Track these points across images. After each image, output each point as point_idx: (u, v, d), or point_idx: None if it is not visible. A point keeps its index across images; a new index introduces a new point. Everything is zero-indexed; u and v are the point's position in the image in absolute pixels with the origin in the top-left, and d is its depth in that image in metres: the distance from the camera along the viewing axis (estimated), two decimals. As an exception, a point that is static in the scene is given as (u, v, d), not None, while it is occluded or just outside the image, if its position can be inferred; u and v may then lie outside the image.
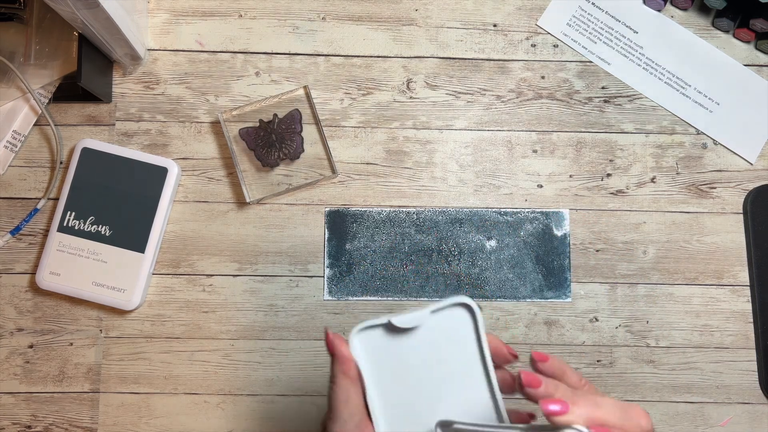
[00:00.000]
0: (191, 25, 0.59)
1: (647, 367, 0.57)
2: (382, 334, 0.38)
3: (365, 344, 0.38)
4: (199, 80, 0.59)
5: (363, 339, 0.38)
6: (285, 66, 0.59)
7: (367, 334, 0.38)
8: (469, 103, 0.59)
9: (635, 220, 0.58)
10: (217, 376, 0.56)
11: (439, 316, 0.38)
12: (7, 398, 0.56)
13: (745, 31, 0.59)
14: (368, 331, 0.38)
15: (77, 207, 0.55)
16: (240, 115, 0.58)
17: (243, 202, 0.57)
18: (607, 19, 0.60)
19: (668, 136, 0.59)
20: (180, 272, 0.57)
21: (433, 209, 0.58)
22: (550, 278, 0.57)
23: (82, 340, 0.56)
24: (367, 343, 0.38)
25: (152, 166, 0.56)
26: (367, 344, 0.38)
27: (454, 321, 0.38)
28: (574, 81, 0.60)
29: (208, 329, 0.56)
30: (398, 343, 0.38)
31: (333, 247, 0.57)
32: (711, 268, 0.58)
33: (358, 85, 0.59)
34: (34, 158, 0.58)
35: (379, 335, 0.38)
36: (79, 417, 0.55)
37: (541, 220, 0.58)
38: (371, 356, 0.38)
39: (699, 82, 0.60)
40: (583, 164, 0.59)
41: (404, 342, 0.38)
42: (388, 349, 0.38)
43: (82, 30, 0.51)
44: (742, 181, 0.59)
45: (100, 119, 0.58)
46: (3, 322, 0.56)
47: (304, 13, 0.60)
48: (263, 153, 0.56)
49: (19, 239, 0.57)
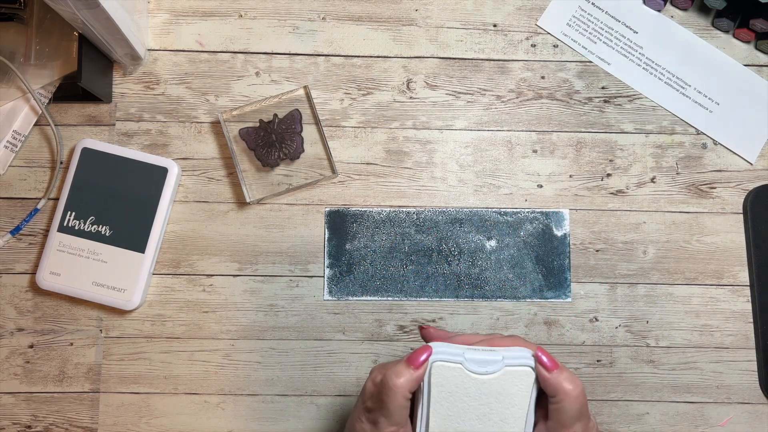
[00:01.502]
0: (191, 25, 0.59)
1: (647, 367, 0.57)
2: (453, 368, 0.39)
3: (438, 376, 0.39)
4: (199, 80, 0.59)
5: (437, 372, 0.39)
6: (285, 66, 0.59)
7: (443, 367, 0.38)
8: (469, 103, 0.59)
9: (635, 220, 0.58)
10: (217, 376, 0.56)
11: (506, 370, 0.39)
12: (7, 398, 0.56)
13: (745, 31, 0.59)
14: (443, 366, 0.38)
15: (77, 207, 0.55)
16: (240, 115, 0.58)
17: (243, 202, 0.57)
18: (607, 19, 0.60)
19: (668, 136, 0.59)
20: (180, 272, 0.57)
21: (433, 209, 0.58)
22: (550, 278, 0.57)
23: (82, 340, 0.56)
24: (439, 374, 0.39)
25: (152, 166, 0.56)
26: (439, 376, 0.39)
27: (515, 377, 0.39)
28: (574, 81, 0.60)
29: (208, 329, 0.56)
30: (464, 381, 0.39)
31: (333, 247, 0.57)
32: (711, 268, 0.58)
33: (358, 85, 0.59)
34: (34, 158, 0.58)
35: (452, 371, 0.39)
36: (79, 417, 0.55)
37: (541, 220, 0.58)
38: (439, 387, 0.39)
39: (699, 82, 0.60)
40: (583, 164, 0.59)
41: (469, 382, 0.39)
42: (454, 388, 0.39)
43: (82, 30, 0.51)
44: (742, 181, 0.59)
45: (100, 119, 0.58)
46: (3, 322, 0.56)
47: (304, 13, 0.60)
48: (263, 153, 0.56)
49: (19, 239, 0.57)
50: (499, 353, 0.39)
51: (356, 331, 0.57)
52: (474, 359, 0.38)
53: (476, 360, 0.39)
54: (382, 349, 0.56)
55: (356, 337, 0.57)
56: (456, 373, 0.39)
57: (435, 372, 0.38)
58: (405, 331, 0.57)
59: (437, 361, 0.38)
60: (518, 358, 0.39)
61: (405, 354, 0.56)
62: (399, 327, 0.57)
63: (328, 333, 0.57)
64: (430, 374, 0.38)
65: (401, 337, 0.57)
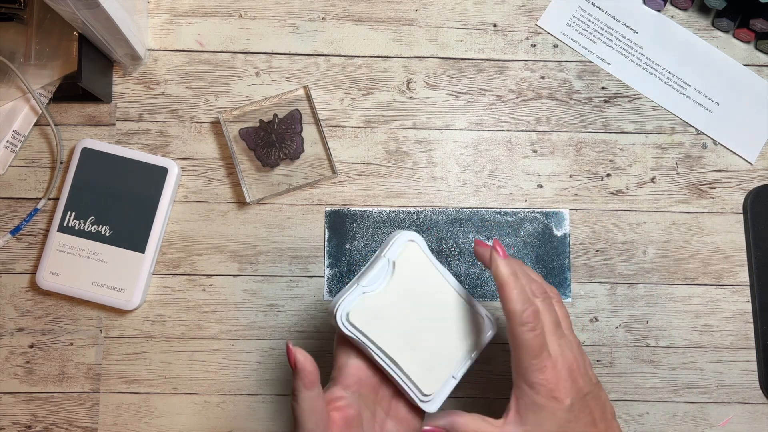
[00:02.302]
0: (191, 25, 0.59)
1: (647, 367, 0.57)
2: (361, 303, 0.40)
3: (358, 320, 0.40)
4: (199, 80, 0.59)
5: (354, 318, 0.40)
6: (285, 66, 0.59)
7: (354, 312, 0.40)
8: (469, 103, 0.59)
9: (635, 220, 0.58)
10: (217, 376, 0.56)
11: (396, 262, 0.41)
12: (7, 398, 0.56)
13: (745, 31, 0.59)
14: (354, 311, 0.40)
15: (77, 207, 0.55)
16: (240, 115, 0.58)
17: (243, 202, 0.57)
18: (607, 19, 0.60)
19: (668, 136, 0.59)
20: (180, 272, 0.57)
21: (433, 209, 0.58)
22: (550, 278, 0.57)
23: (82, 340, 0.56)
24: (357, 318, 0.40)
25: (152, 166, 0.56)
26: (358, 319, 0.40)
27: (409, 259, 0.42)
28: (574, 81, 0.60)
29: (208, 329, 0.56)
30: (379, 303, 0.41)
31: (333, 247, 0.57)
32: (711, 268, 0.58)
33: (358, 85, 0.59)
34: (34, 158, 0.58)
35: (362, 306, 0.40)
36: (79, 417, 0.55)
37: (541, 220, 0.58)
38: (368, 328, 0.40)
39: (699, 82, 0.60)
40: (583, 164, 0.59)
41: (383, 299, 0.41)
42: (375, 314, 0.41)
43: (82, 30, 0.51)
44: (742, 181, 0.59)
45: (100, 119, 0.58)
46: (3, 322, 0.56)
47: (304, 13, 0.60)
48: (263, 153, 0.56)
49: (19, 239, 0.57)
50: (384, 256, 0.41)
51: (356, 331, 0.57)
52: (368, 279, 0.41)
53: (370, 278, 0.41)
54: (382, 349, 0.56)
55: (356, 337, 0.57)
56: (366, 304, 0.40)
57: (353, 318, 0.40)
58: (405, 331, 0.57)
59: (344, 311, 0.40)
60: (398, 246, 0.42)
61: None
62: (399, 327, 0.57)
63: (328, 333, 0.57)
64: (352, 324, 0.40)
65: (401, 337, 0.57)
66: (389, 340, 0.40)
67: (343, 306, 0.40)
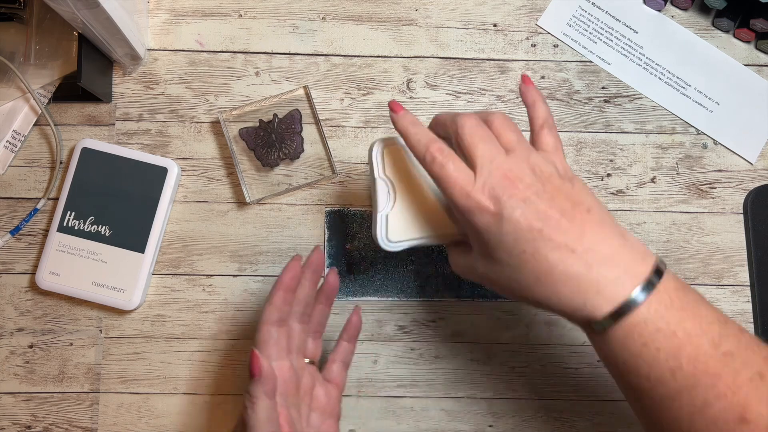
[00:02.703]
0: (191, 25, 0.59)
1: (647, 367, 0.57)
2: (390, 222, 0.46)
3: (397, 235, 0.45)
4: (199, 80, 0.59)
5: (393, 236, 0.45)
6: (285, 66, 0.59)
7: (390, 233, 0.45)
8: (469, 103, 0.59)
9: (635, 220, 0.58)
10: (217, 376, 0.56)
11: (388, 174, 0.46)
12: (7, 398, 0.56)
13: (746, 31, 0.59)
14: (390, 232, 0.45)
15: (77, 207, 0.55)
16: (240, 115, 0.58)
17: (243, 202, 0.57)
18: (607, 19, 0.60)
19: (668, 136, 0.59)
20: (180, 272, 0.57)
21: (433, 209, 0.58)
22: (550, 278, 0.57)
23: (82, 340, 0.56)
24: (396, 234, 0.46)
25: (152, 166, 0.56)
26: (397, 234, 0.46)
27: (395, 162, 0.46)
28: (574, 81, 0.60)
29: (208, 329, 0.56)
30: (401, 210, 0.46)
31: (333, 247, 0.57)
32: (711, 268, 0.58)
33: (358, 85, 0.59)
34: (34, 158, 0.58)
35: (392, 224, 0.46)
36: (79, 417, 0.55)
37: (541, 220, 0.58)
38: (408, 233, 0.46)
39: (699, 82, 0.60)
40: (583, 164, 0.59)
41: (401, 206, 0.46)
42: (405, 219, 0.46)
43: (82, 30, 0.51)
44: (742, 181, 0.59)
45: (99, 119, 0.58)
46: (3, 322, 0.56)
47: (304, 13, 0.60)
48: (263, 153, 0.56)
49: (19, 239, 0.57)
50: (378, 177, 0.45)
51: (356, 331, 0.57)
52: (381, 204, 0.45)
53: (382, 202, 0.45)
54: (382, 349, 0.56)
55: (356, 337, 0.57)
56: (393, 219, 0.45)
57: (393, 237, 0.45)
58: (405, 331, 0.57)
59: (383, 239, 0.45)
60: (379, 159, 0.45)
61: (397, 355, 0.56)
62: (399, 327, 0.57)
63: (328, 333, 0.56)
64: (397, 241, 0.45)
65: (401, 337, 0.57)
66: (426, 228, 0.45)
67: (380, 236, 0.45)
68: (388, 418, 0.56)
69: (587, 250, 0.36)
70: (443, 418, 0.56)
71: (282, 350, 0.45)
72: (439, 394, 0.56)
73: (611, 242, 0.36)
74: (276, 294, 0.45)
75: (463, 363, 0.56)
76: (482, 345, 0.57)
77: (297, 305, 0.46)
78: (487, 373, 0.56)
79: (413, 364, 0.56)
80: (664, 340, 0.35)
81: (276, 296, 0.45)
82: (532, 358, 0.57)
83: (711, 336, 0.35)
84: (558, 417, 0.56)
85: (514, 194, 0.37)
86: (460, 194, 0.38)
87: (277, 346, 0.44)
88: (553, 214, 0.37)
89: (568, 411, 0.56)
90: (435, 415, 0.56)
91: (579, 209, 0.37)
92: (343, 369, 0.50)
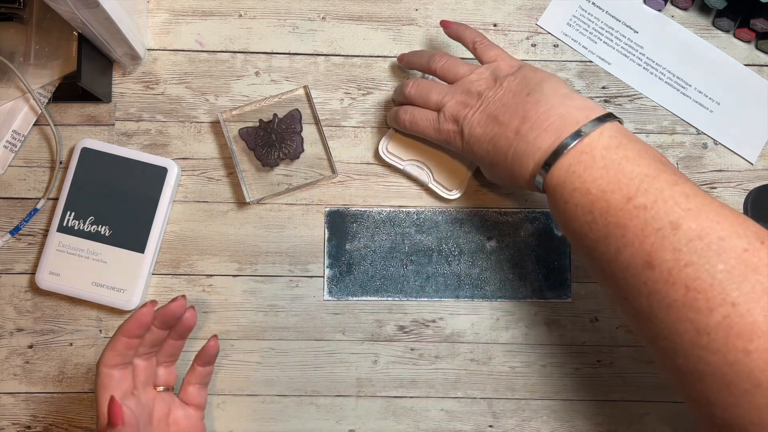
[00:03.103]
0: (191, 25, 0.59)
1: (647, 367, 0.57)
2: (391, 138, 0.57)
3: (394, 150, 0.57)
4: (199, 80, 0.59)
5: (392, 148, 0.57)
6: (285, 66, 0.59)
7: (389, 145, 0.57)
8: (469, 103, 0.59)
9: (635, 220, 0.58)
10: (217, 376, 0.56)
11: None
12: (7, 398, 0.56)
13: (746, 31, 0.59)
14: (389, 144, 0.57)
15: (77, 207, 0.55)
16: (240, 115, 0.58)
17: (243, 202, 0.57)
18: (608, 18, 0.60)
19: (668, 136, 0.59)
20: (180, 272, 0.57)
21: (433, 209, 0.58)
22: (551, 278, 0.57)
23: (82, 340, 0.56)
24: (394, 149, 0.57)
25: (152, 166, 0.56)
26: (394, 149, 0.57)
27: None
28: (575, 81, 0.60)
29: (208, 329, 0.56)
30: (402, 137, 0.58)
31: (333, 247, 0.57)
32: (711, 268, 0.58)
33: (358, 85, 0.59)
34: (34, 158, 0.58)
35: (392, 140, 0.57)
36: (78, 417, 0.55)
37: (541, 220, 0.58)
38: (402, 153, 0.57)
39: (699, 82, 0.60)
40: (584, 164, 0.59)
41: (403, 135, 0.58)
42: (404, 143, 0.57)
43: (81, 30, 0.51)
44: (742, 181, 0.59)
45: (99, 119, 0.58)
46: (3, 322, 0.56)
47: (304, 13, 0.60)
48: (263, 153, 0.56)
49: (19, 239, 0.57)
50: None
51: (356, 331, 0.57)
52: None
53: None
54: (382, 349, 0.56)
55: (356, 337, 0.57)
56: (394, 139, 0.58)
57: (392, 149, 0.57)
58: (405, 331, 0.57)
59: (383, 147, 0.57)
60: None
61: (397, 355, 0.56)
62: (399, 327, 0.57)
63: (328, 333, 0.57)
64: (392, 153, 0.57)
65: (401, 337, 0.57)
66: (418, 155, 0.56)
67: (381, 145, 0.56)
68: (388, 418, 0.56)
69: (531, 128, 0.44)
70: (443, 418, 0.56)
71: (125, 391, 0.45)
72: (439, 394, 0.56)
73: (548, 115, 0.44)
74: (119, 339, 0.45)
75: (463, 363, 0.56)
76: (482, 345, 0.57)
77: (142, 347, 0.46)
78: (487, 373, 0.56)
79: (413, 364, 0.56)
80: (580, 197, 0.41)
81: (119, 342, 0.44)
82: (532, 358, 0.57)
83: (626, 191, 0.39)
84: (558, 417, 0.56)
85: (465, 115, 0.48)
86: (434, 133, 0.51)
87: (119, 388, 0.45)
88: (497, 115, 0.46)
89: (568, 411, 0.56)
90: (435, 415, 0.56)
91: (519, 97, 0.46)
92: (200, 390, 0.50)
